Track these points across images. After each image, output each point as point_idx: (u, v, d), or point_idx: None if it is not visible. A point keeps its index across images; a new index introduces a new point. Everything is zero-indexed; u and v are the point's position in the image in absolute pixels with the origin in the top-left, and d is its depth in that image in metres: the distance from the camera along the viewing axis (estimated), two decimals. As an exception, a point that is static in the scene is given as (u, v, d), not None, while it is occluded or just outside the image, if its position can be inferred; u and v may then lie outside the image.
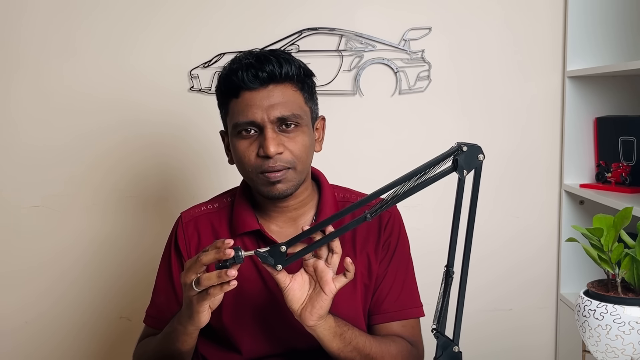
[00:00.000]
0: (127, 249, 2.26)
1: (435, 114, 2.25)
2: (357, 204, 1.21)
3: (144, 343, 1.50)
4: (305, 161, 1.40)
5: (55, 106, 2.21)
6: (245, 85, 1.35)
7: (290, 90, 1.38)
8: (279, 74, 1.35)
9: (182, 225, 1.50)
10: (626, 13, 2.18)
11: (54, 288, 2.27)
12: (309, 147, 1.41)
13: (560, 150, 2.27)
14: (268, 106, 1.35)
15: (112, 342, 2.29)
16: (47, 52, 2.20)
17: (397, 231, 1.49)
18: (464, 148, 1.15)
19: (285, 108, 1.35)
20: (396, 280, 1.48)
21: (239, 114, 1.36)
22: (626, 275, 1.17)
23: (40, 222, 2.25)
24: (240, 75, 1.35)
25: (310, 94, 1.43)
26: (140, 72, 2.21)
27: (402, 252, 1.50)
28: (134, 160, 2.24)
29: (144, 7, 2.19)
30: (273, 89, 1.36)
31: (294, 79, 1.38)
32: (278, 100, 1.35)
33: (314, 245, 1.22)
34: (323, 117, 1.49)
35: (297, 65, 1.39)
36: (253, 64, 1.35)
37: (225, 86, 1.39)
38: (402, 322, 1.47)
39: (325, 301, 1.24)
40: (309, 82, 1.43)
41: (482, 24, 2.24)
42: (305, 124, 1.39)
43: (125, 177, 2.24)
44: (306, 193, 1.46)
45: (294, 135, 1.37)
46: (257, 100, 1.35)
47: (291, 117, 1.36)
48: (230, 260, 1.16)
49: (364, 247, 1.46)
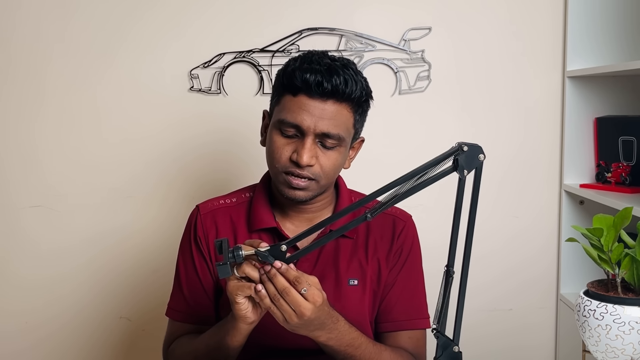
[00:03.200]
0: (127, 249, 2.26)
1: (435, 114, 2.25)
2: (357, 204, 1.21)
3: (184, 343, 1.48)
4: (331, 178, 1.42)
5: (55, 106, 2.21)
6: (306, 90, 1.35)
7: (346, 110, 1.38)
8: (342, 91, 1.35)
9: (200, 217, 1.51)
10: (626, 13, 2.18)
11: (54, 288, 2.26)
12: (339, 166, 1.42)
13: (560, 150, 2.27)
14: (319, 118, 1.35)
15: (112, 342, 2.29)
16: (46, 52, 2.19)
17: (410, 241, 1.51)
18: (464, 148, 1.15)
19: (333, 126, 1.36)
20: (405, 290, 1.48)
21: (288, 113, 1.37)
22: (626, 275, 1.17)
23: (40, 222, 2.25)
24: (306, 78, 1.34)
25: (362, 116, 1.44)
26: (140, 72, 2.21)
27: (413, 261, 1.51)
28: (134, 160, 2.24)
29: (143, 7, 2.18)
30: (330, 105, 1.36)
31: (354, 102, 1.38)
32: (330, 116, 1.35)
33: (313, 245, 1.22)
34: (363, 139, 1.50)
35: (361, 87, 1.39)
36: (322, 72, 1.35)
37: (288, 81, 1.38)
38: (409, 332, 1.48)
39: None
40: (366, 106, 1.43)
41: (482, 24, 2.23)
42: (344, 145, 1.41)
43: (125, 177, 2.24)
44: (326, 199, 1.49)
45: (330, 153, 1.38)
46: (310, 108, 1.35)
47: (335, 137, 1.37)
48: (230, 259, 1.17)
49: (375, 253, 1.48)
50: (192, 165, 2.24)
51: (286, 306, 1.19)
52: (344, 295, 1.44)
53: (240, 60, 2.20)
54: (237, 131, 2.18)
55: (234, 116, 2.19)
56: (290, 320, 1.20)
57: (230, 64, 2.19)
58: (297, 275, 1.19)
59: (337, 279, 1.45)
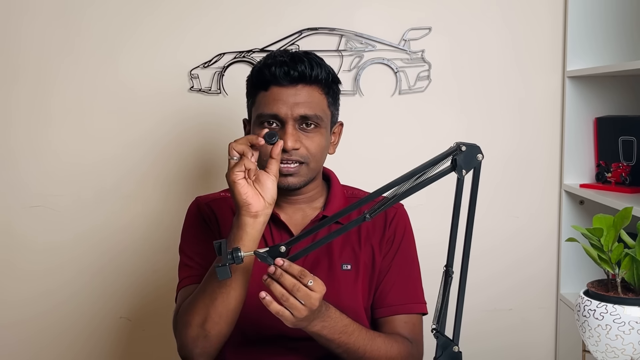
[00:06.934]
0: (127, 249, 2.26)
1: (435, 114, 2.25)
2: (357, 203, 1.22)
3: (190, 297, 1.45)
4: (318, 160, 1.47)
5: (55, 106, 2.21)
6: (276, 81, 1.42)
7: (317, 92, 1.45)
8: (309, 75, 1.43)
9: (200, 205, 1.57)
10: (626, 13, 2.18)
11: (54, 288, 2.26)
12: (324, 148, 1.48)
13: (560, 150, 2.27)
14: (293, 103, 1.42)
15: (112, 342, 2.29)
16: (46, 52, 2.19)
17: (402, 228, 1.54)
18: (462, 148, 1.15)
19: (309, 108, 1.43)
20: (400, 275, 1.51)
21: (265, 106, 1.43)
22: (626, 275, 1.17)
23: (40, 222, 2.25)
24: (273, 71, 1.42)
25: (334, 99, 1.51)
26: (140, 72, 2.21)
27: (406, 248, 1.54)
28: (133, 160, 2.24)
29: (143, 6, 2.18)
30: (301, 89, 1.43)
31: (322, 83, 1.46)
32: (304, 99, 1.43)
33: (313, 245, 1.22)
34: (341, 123, 1.57)
35: (326, 70, 1.47)
36: (287, 62, 1.43)
37: (257, 78, 1.46)
38: (405, 317, 1.49)
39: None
40: (335, 88, 1.51)
41: (482, 24, 2.23)
42: (324, 126, 1.46)
43: (124, 177, 2.24)
44: (315, 190, 1.53)
45: (312, 134, 1.44)
46: (284, 96, 1.42)
47: (313, 118, 1.43)
48: (229, 260, 1.17)
49: (368, 239, 1.51)
50: (192, 165, 2.24)
51: (296, 302, 1.21)
52: (337, 280, 1.47)
53: (241, 60, 2.20)
54: (236, 131, 2.17)
55: (234, 116, 2.18)
56: (300, 314, 1.22)
57: (230, 64, 2.19)
58: (300, 269, 1.21)
59: (331, 264, 1.48)
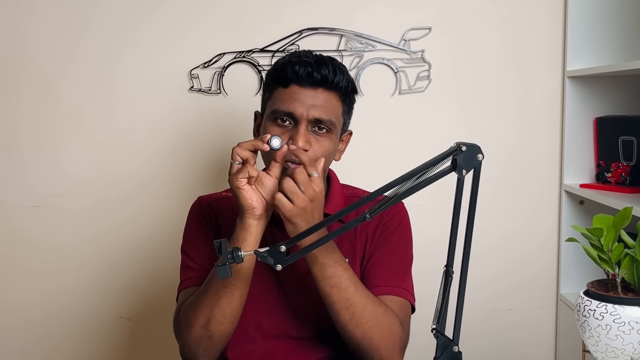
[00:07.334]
0: (127, 249, 2.26)
1: (435, 113, 2.25)
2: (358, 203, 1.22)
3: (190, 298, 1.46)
4: (325, 165, 1.46)
5: (55, 106, 2.21)
6: (297, 80, 1.43)
7: (334, 98, 1.47)
8: (331, 80, 1.44)
9: (202, 205, 1.58)
10: (626, 13, 2.18)
11: (54, 288, 2.27)
12: (331, 154, 1.49)
13: (560, 150, 2.27)
14: (310, 105, 1.43)
15: (112, 342, 2.29)
16: (46, 53, 2.19)
17: (398, 220, 1.54)
18: (462, 148, 1.15)
19: (324, 112, 1.44)
20: (390, 261, 1.50)
21: (282, 103, 1.44)
22: (626, 275, 1.17)
23: (40, 222, 2.25)
24: (297, 70, 1.43)
25: (349, 107, 1.53)
26: (140, 72, 2.21)
27: (399, 238, 1.53)
28: (133, 160, 2.24)
29: (143, 6, 2.18)
30: (320, 92, 1.44)
31: (341, 90, 1.47)
32: (321, 103, 1.44)
33: (313, 245, 1.22)
34: (351, 132, 1.59)
35: (347, 79, 1.49)
36: (311, 63, 1.44)
37: (279, 74, 1.46)
38: (393, 297, 1.47)
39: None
40: (352, 97, 1.53)
41: (482, 24, 2.23)
42: (335, 132, 1.48)
43: (125, 177, 2.24)
44: None
45: (322, 139, 1.45)
46: (302, 97, 1.43)
47: (326, 122, 1.44)
48: (229, 260, 1.17)
49: (364, 230, 1.52)
50: (192, 165, 2.24)
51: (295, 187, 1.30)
52: None
53: (241, 60, 2.20)
54: (237, 131, 2.18)
55: (234, 116, 2.19)
56: (298, 201, 1.29)
57: (230, 64, 2.20)
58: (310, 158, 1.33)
59: None
